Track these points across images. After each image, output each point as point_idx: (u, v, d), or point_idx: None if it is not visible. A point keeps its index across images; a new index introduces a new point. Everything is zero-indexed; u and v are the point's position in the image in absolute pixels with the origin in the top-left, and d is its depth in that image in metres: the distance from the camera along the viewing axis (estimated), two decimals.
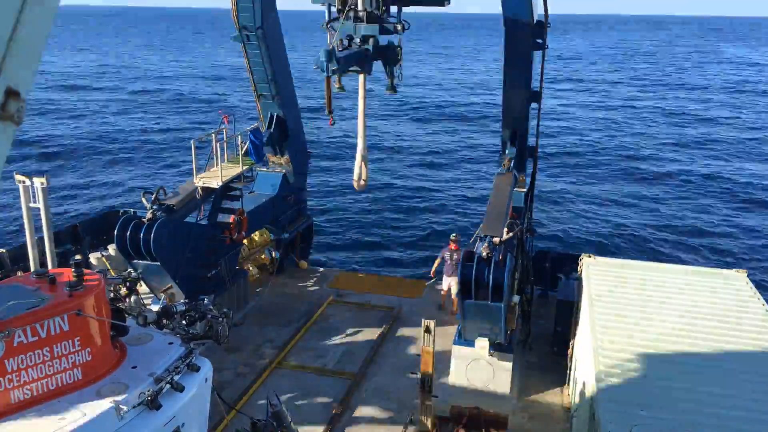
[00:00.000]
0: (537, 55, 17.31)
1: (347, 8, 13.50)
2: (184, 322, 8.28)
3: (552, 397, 15.10)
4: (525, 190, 18.66)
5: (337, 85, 13.20)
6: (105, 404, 6.78)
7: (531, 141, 19.12)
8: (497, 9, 16.24)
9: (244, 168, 18.76)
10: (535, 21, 16.57)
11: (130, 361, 7.66)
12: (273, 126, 20.36)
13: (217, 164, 18.10)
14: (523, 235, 17.29)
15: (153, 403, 7.08)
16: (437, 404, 13.09)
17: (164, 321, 8.30)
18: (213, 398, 8.49)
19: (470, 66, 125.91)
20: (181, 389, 7.36)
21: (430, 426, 12.87)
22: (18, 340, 6.56)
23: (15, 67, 2.12)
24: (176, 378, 7.38)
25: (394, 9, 14.23)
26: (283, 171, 21.66)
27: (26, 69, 2.19)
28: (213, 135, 18.38)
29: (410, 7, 14.79)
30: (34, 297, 7.07)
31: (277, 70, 19.51)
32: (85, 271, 7.36)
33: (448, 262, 18.70)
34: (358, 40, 13.57)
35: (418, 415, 13.13)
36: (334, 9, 13.82)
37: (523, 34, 16.44)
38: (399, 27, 14.01)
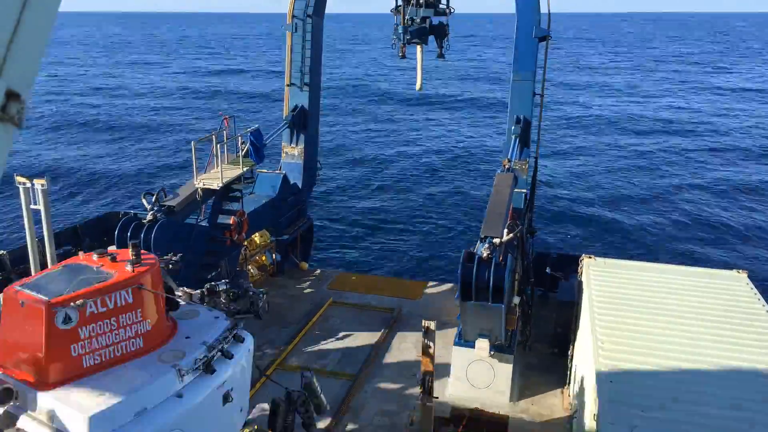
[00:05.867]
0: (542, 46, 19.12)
1: None
2: (223, 299, 9.16)
3: (552, 397, 15.08)
4: (527, 177, 19.14)
5: (401, 55, 18.38)
6: (168, 368, 7.50)
7: (533, 139, 19.37)
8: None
9: (245, 169, 18.77)
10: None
11: (182, 333, 8.33)
12: (296, 112, 21.38)
13: (217, 166, 18.11)
14: (524, 236, 17.31)
15: (208, 368, 7.81)
16: (438, 405, 13.08)
17: (208, 298, 9.10)
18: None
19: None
20: (230, 356, 8.10)
21: (430, 427, 12.86)
22: (90, 311, 7.28)
23: (15, 69, 2.12)
24: (225, 347, 8.06)
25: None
26: (284, 173, 21.69)
27: (27, 71, 2.19)
28: (213, 136, 18.39)
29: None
30: (100, 273, 7.79)
31: (314, 62, 21.33)
32: (141, 251, 8.09)
33: None
34: (418, 20, 18.68)
35: (418, 416, 13.12)
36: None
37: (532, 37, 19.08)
38: (447, 11, 19.21)
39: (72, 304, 7.11)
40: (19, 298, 7.27)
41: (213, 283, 9.60)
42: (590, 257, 15.14)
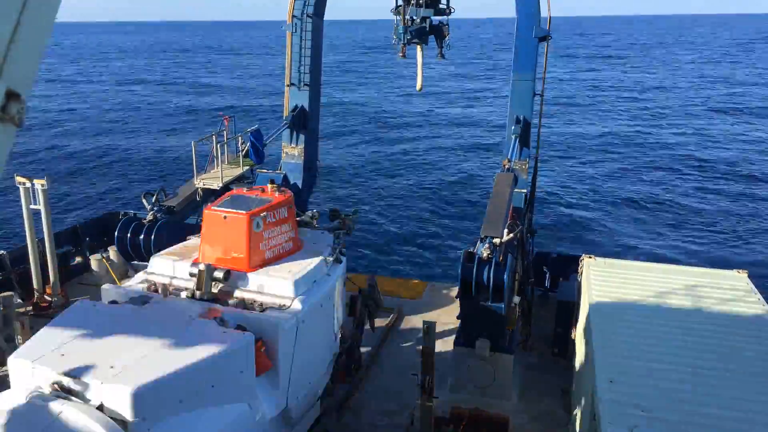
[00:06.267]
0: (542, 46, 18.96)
1: None
2: (315, 223, 13.57)
3: (552, 397, 15.07)
4: (527, 177, 19.05)
5: (401, 54, 18.22)
6: (318, 259, 11.69)
7: (533, 137, 19.36)
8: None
9: (245, 169, 18.76)
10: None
11: (308, 241, 12.48)
12: (296, 112, 21.18)
13: (217, 165, 18.11)
14: (524, 236, 17.30)
15: (337, 260, 12.26)
16: (438, 405, 13.08)
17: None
18: None
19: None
20: (344, 254, 12.62)
21: (430, 427, 12.84)
22: (268, 220, 11.22)
23: (15, 70, 2.13)
24: (341, 249, 12.47)
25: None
26: (284, 173, 21.69)
27: (27, 71, 2.20)
28: (213, 136, 18.38)
29: None
30: (262, 199, 11.65)
31: (313, 62, 21.14)
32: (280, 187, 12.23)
33: None
34: (418, 20, 18.46)
35: (418, 416, 13.11)
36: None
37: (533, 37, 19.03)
38: (447, 11, 19.01)
39: (260, 215, 11.12)
40: (221, 214, 11.18)
41: (312, 211, 14.03)
42: (590, 257, 15.12)
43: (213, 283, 10.61)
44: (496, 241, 13.73)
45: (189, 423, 8.47)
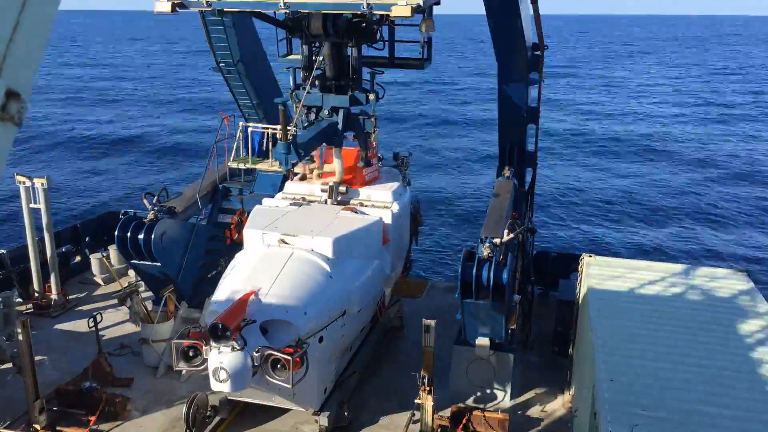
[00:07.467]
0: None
1: (313, 76, 12.62)
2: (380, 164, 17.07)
3: (553, 396, 15.08)
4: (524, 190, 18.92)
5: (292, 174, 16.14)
6: (398, 182, 16.35)
7: (531, 142, 19.27)
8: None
9: (246, 166, 18.72)
10: (529, 45, 16.81)
11: (384, 173, 16.81)
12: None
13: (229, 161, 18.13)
14: (524, 236, 17.30)
15: (409, 183, 17.22)
16: (438, 404, 13.08)
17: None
18: None
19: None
20: (410, 183, 17.71)
21: (430, 426, 12.86)
22: (367, 155, 15.80)
23: (15, 69, 2.13)
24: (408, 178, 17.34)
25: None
26: (284, 172, 21.66)
27: (26, 70, 2.20)
28: (225, 141, 18.34)
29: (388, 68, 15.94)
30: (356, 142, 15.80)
31: (263, 96, 19.25)
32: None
33: None
34: (326, 111, 13.27)
35: (418, 415, 13.11)
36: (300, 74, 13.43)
37: (518, 66, 17.15)
38: (372, 96, 13.59)
39: (361, 152, 15.54)
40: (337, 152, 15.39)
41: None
42: (590, 256, 15.12)
43: (338, 194, 15.09)
44: (497, 240, 13.72)
45: (356, 265, 13.56)
